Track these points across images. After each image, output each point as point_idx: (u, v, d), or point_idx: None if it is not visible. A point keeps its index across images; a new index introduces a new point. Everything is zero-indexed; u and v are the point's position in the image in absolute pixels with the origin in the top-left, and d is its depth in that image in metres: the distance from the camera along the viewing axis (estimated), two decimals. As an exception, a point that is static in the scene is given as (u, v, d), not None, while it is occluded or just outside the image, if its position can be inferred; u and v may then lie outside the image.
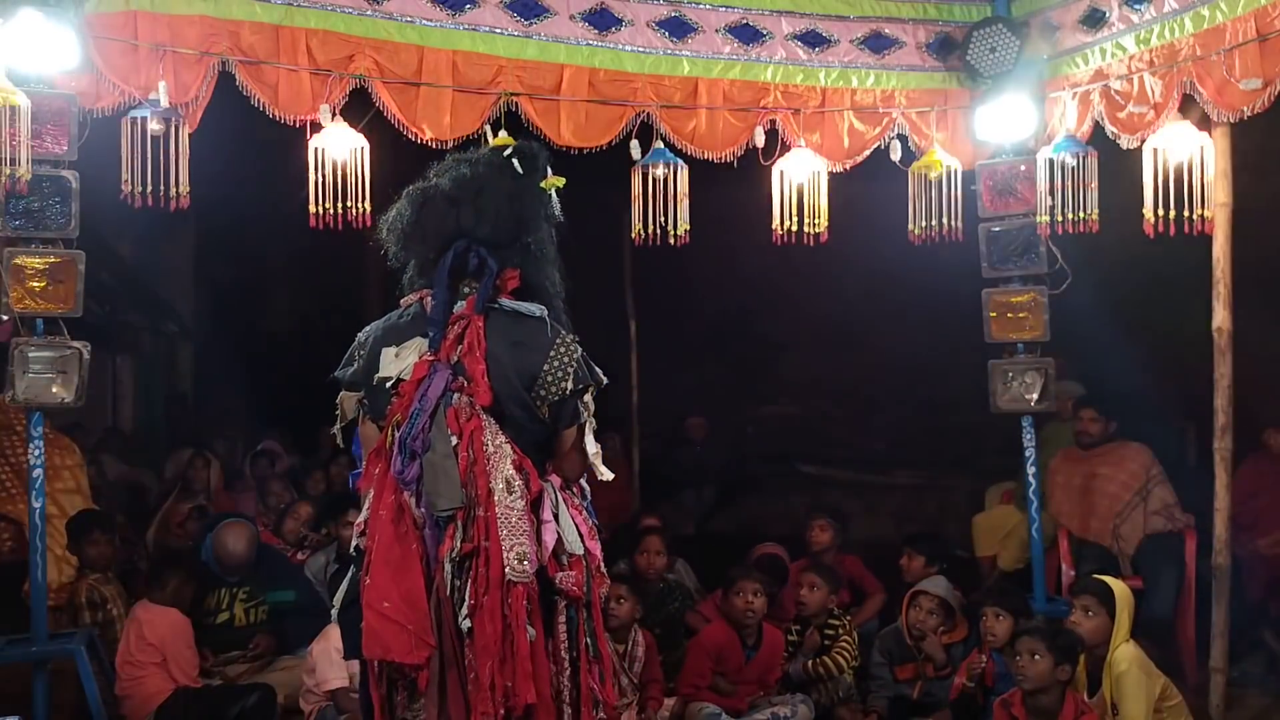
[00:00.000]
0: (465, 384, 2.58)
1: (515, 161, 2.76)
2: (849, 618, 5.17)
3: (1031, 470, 5.24)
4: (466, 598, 2.51)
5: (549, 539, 2.60)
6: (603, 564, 2.76)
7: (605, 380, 2.73)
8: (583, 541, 2.67)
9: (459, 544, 2.52)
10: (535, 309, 2.68)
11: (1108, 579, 4.24)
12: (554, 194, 2.81)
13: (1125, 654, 4.01)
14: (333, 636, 4.51)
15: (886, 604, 5.55)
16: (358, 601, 2.58)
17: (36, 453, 4.15)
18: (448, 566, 2.53)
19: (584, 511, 2.76)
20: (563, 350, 2.64)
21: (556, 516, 2.64)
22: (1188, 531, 5.50)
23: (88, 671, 4.26)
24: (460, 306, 2.68)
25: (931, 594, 4.91)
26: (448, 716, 2.53)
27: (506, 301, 2.68)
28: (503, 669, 2.49)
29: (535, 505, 2.60)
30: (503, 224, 2.69)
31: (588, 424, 2.71)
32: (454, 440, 2.54)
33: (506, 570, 2.49)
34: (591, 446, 2.71)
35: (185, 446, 7.72)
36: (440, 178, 2.79)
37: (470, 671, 2.52)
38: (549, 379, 2.61)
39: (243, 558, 5.08)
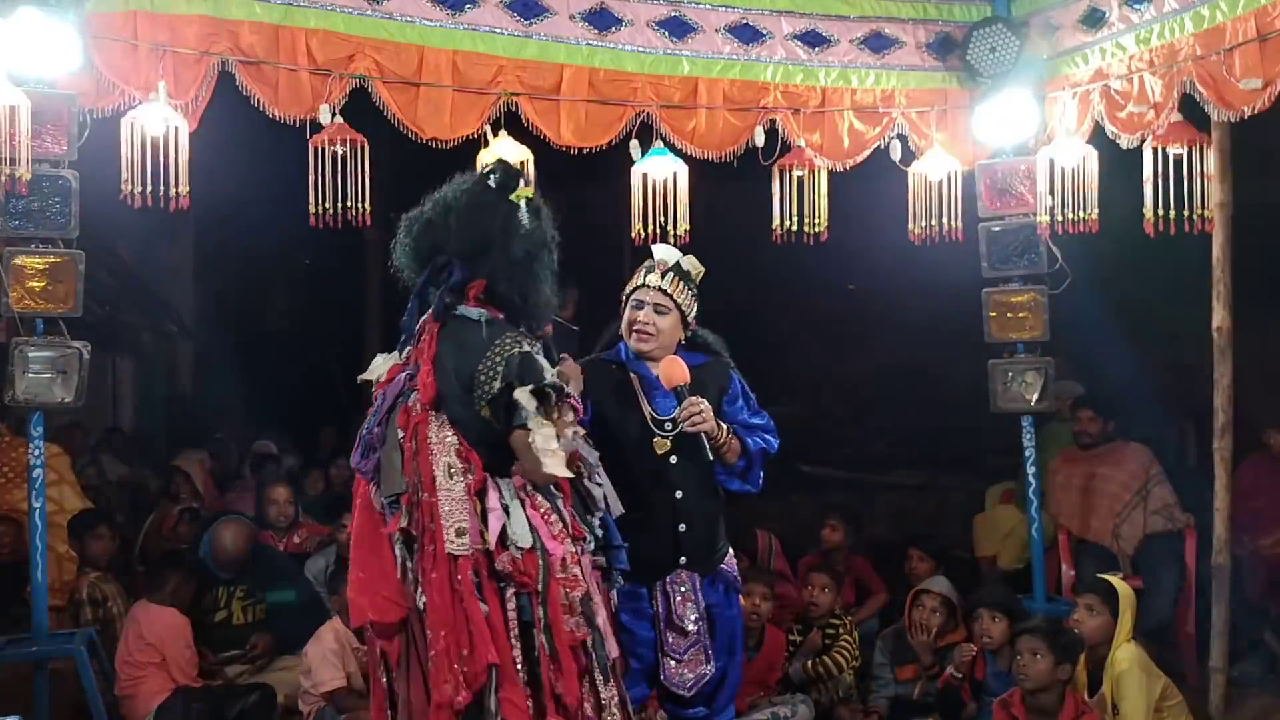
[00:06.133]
0: (415, 384, 2.81)
1: (491, 177, 2.90)
2: (849, 618, 5.17)
3: (1031, 470, 5.24)
4: (419, 576, 2.72)
5: (494, 525, 2.72)
6: (576, 567, 2.79)
7: (554, 380, 2.77)
8: (537, 538, 2.74)
9: (403, 524, 2.75)
10: (475, 313, 2.82)
11: (1111, 578, 4.25)
12: (524, 204, 2.87)
13: (1126, 654, 4.01)
14: (326, 638, 4.51)
15: (888, 604, 5.56)
16: None
17: (36, 452, 4.15)
18: (397, 548, 2.76)
19: (554, 513, 2.81)
20: (497, 351, 2.74)
21: (506, 509, 2.75)
22: (1188, 531, 5.50)
23: (88, 671, 4.26)
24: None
25: (935, 593, 4.92)
26: (408, 700, 2.72)
27: (462, 308, 2.84)
28: (457, 637, 2.64)
29: (482, 494, 2.74)
30: (469, 236, 2.83)
31: (533, 422, 2.72)
32: (400, 434, 2.78)
33: (446, 543, 2.67)
34: (548, 443, 2.73)
35: (192, 448, 7.71)
36: (427, 203, 2.97)
37: (430, 649, 2.66)
38: (481, 379, 2.73)
39: (239, 555, 5.08)
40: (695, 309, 3.48)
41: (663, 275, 3.43)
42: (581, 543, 2.84)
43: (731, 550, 3.60)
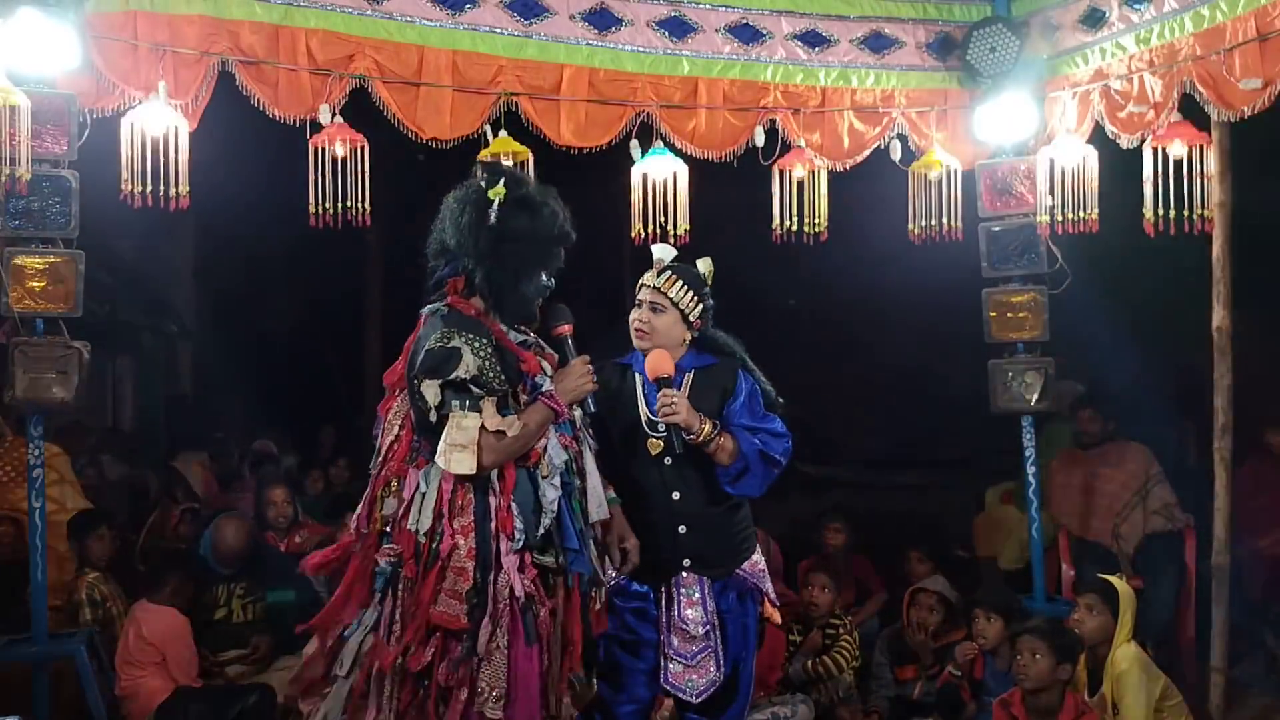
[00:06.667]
0: None
1: (483, 179, 3.02)
2: (849, 618, 5.17)
3: (1031, 470, 5.24)
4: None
5: (389, 508, 2.94)
6: (470, 561, 2.83)
7: (469, 374, 2.82)
8: (436, 525, 2.85)
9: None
10: (429, 308, 3.00)
11: (1111, 578, 4.25)
12: (496, 201, 2.93)
13: (1126, 654, 4.01)
14: (329, 638, 4.51)
15: (887, 604, 5.56)
16: None
17: (37, 452, 4.15)
18: None
19: (474, 504, 2.85)
20: (425, 344, 2.87)
21: (423, 495, 2.89)
22: (1188, 531, 5.50)
23: (88, 671, 4.26)
24: None
25: (931, 591, 4.92)
26: None
27: (440, 303, 3.01)
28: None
29: (402, 479, 2.96)
30: (455, 235, 2.98)
31: (454, 415, 2.81)
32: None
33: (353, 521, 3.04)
34: (456, 437, 2.81)
35: (192, 448, 7.71)
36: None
37: None
38: (410, 370, 2.93)
39: (240, 550, 5.12)
40: (700, 309, 3.46)
41: (658, 274, 3.44)
42: (506, 539, 2.86)
43: (759, 555, 3.57)
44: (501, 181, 2.98)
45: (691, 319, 3.45)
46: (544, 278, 3.03)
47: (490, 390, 2.86)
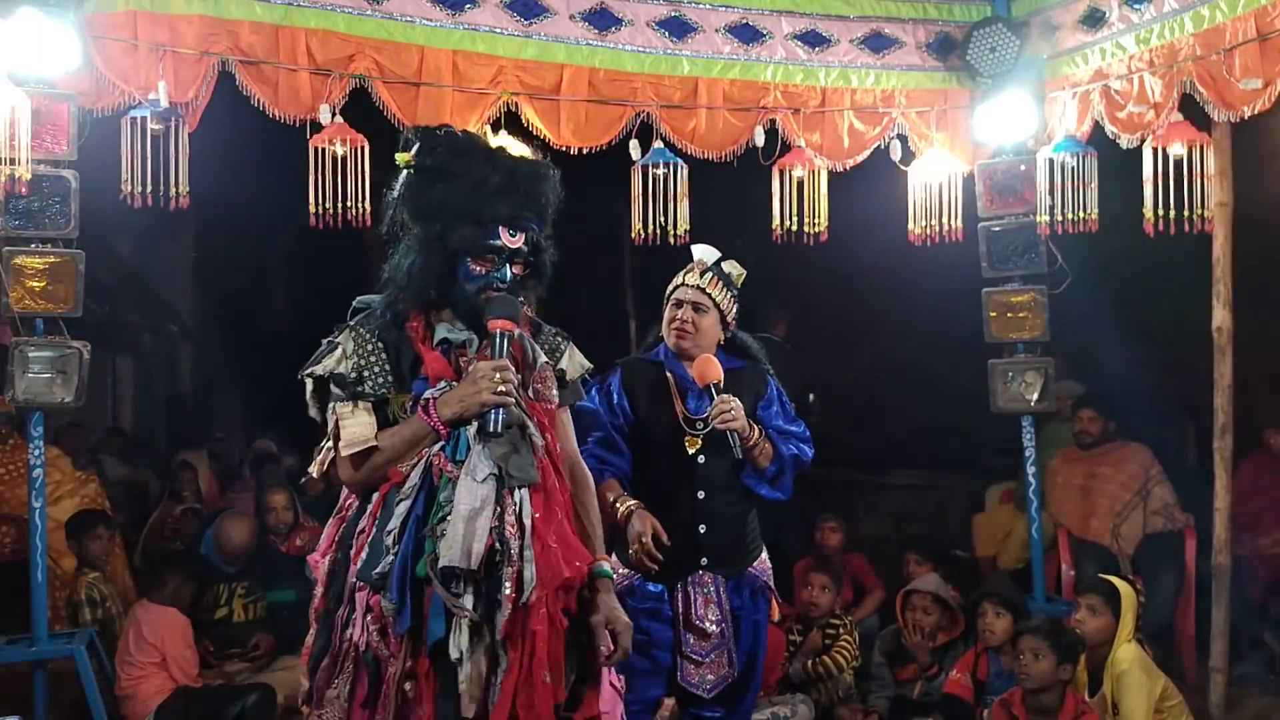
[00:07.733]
0: None
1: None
2: (850, 618, 5.17)
3: (1031, 470, 5.24)
4: None
5: None
6: (316, 577, 2.47)
7: (316, 374, 2.42)
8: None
9: None
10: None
11: (1113, 579, 4.25)
12: (404, 173, 2.44)
13: (1127, 654, 4.01)
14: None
15: (885, 601, 5.56)
16: None
17: (36, 453, 4.15)
18: None
19: (344, 522, 2.46)
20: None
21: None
22: (1188, 531, 5.49)
23: (88, 671, 4.26)
24: None
25: (924, 592, 4.92)
26: None
27: None
28: None
29: None
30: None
31: (331, 417, 2.41)
32: None
33: None
34: (324, 441, 2.47)
35: (192, 448, 7.71)
36: None
37: None
38: None
39: (244, 548, 5.16)
40: (735, 310, 3.49)
41: (701, 274, 3.44)
42: (354, 568, 2.36)
43: (765, 555, 3.58)
44: (413, 148, 2.43)
45: (729, 320, 3.48)
46: (470, 263, 2.38)
47: (353, 393, 2.36)
